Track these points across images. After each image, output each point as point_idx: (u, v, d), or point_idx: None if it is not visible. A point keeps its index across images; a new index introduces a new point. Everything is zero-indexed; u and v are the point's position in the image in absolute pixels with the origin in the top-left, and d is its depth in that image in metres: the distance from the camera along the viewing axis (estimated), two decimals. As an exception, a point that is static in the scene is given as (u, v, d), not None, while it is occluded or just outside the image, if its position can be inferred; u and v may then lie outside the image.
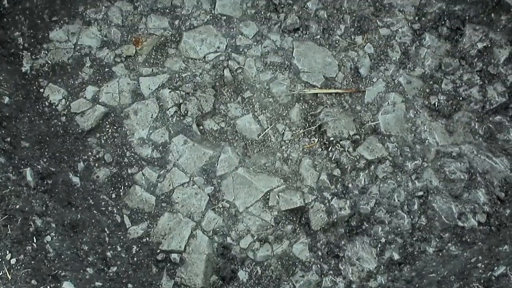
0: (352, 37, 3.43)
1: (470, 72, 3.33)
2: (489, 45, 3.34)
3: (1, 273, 2.46)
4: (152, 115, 3.32)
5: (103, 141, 3.29)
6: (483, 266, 2.70)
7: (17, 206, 2.81)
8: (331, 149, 3.24)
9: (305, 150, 3.26)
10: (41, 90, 3.35)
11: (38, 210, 2.88)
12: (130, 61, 3.43)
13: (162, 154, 3.26)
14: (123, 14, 3.49)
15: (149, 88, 3.36)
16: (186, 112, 3.30)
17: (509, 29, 3.34)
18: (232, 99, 3.36)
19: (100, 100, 3.34)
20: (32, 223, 2.81)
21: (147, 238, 3.12)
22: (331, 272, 3.07)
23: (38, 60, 3.40)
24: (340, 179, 3.20)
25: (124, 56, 3.43)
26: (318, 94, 3.32)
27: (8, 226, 2.71)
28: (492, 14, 3.38)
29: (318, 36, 3.44)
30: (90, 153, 3.26)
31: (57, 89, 3.35)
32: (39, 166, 3.09)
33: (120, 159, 3.26)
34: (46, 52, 3.42)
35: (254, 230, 3.12)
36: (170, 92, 3.32)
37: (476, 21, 3.39)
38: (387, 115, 3.30)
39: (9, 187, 2.84)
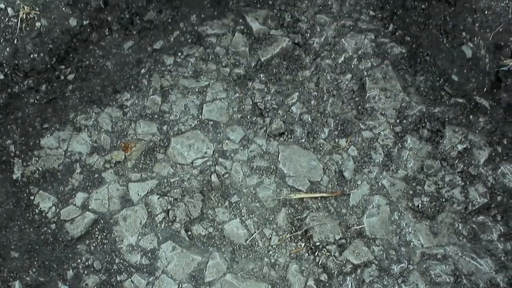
0: (336, 140, 3.53)
1: (452, 173, 3.41)
2: (469, 147, 3.43)
3: None
4: (141, 221, 3.36)
5: (92, 248, 3.32)
6: None
7: (5, 324, 2.82)
8: (317, 253, 3.28)
9: (292, 255, 3.30)
10: (32, 197, 3.40)
11: (26, 325, 2.89)
12: (120, 167, 3.50)
13: (151, 261, 3.29)
14: (113, 120, 3.59)
15: (138, 194, 3.42)
16: (174, 218, 3.35)
17: (487, 130, 3.44)
18: (219, 204, 3.42)
19: (89, 207, 3.39)
20: None
21: None
22: None
23: (29, 167, 3.47)
24: (327, 284, 3.23)
25: (114, 162, 3.50)
26: (304, 199, 3.39)
27: None
28: (471, 116, 3.49)
29: (303, 140, 3.53)
30: (79, 261, 3.29)
31: (47, 196, 3.40)
32: (28, 278, 3.12)
33: (109, 266, 3.28)
34: (37, 159, 3.49)
35: (242, 338, 3.13)
36: (158, 198, 3.38)
37: (455, 123, 3.50)
38: (372, 218, 3.36)
39: (-2, 304, 2.86)
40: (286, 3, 3.82)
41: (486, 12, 3.11)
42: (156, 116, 3.61)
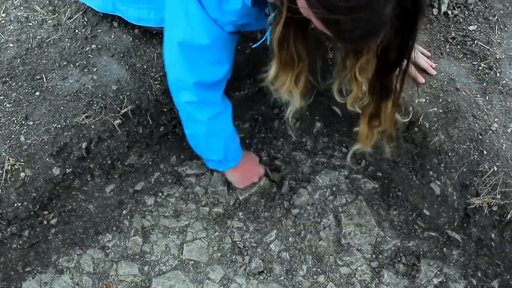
0: (315, 277, 3.59)
1: (430, 308, 3.46)
2: (444, 280, 3.50)
3: None
4: None
5: None
6: None
7: None
8: None
9: None
10: None
11: None
12: (101, 309, 3.52)
13: None
14: (95, 261, 3.64)
15: (119, 338, 3.42)
16: None
17: (461, 263, 3.53)
18: None
19: None
20: None
21: None
22: None
23: (10, 312, 3.48)
24: None
25: (95, 304, 3.53)
26: None
27: None
28: (444, 249, 3.58)
29: (282, 278, 3.58)
30: None
31: None
32: None
33: None
34: (18, 304, 3.51)
35: None
36: None
37: (430, 256, 3.59)
38: None
39: None
40: (263, 142, 4.00)
41: (449, 153, 3.28)
42: (137, 256, 3.66)
